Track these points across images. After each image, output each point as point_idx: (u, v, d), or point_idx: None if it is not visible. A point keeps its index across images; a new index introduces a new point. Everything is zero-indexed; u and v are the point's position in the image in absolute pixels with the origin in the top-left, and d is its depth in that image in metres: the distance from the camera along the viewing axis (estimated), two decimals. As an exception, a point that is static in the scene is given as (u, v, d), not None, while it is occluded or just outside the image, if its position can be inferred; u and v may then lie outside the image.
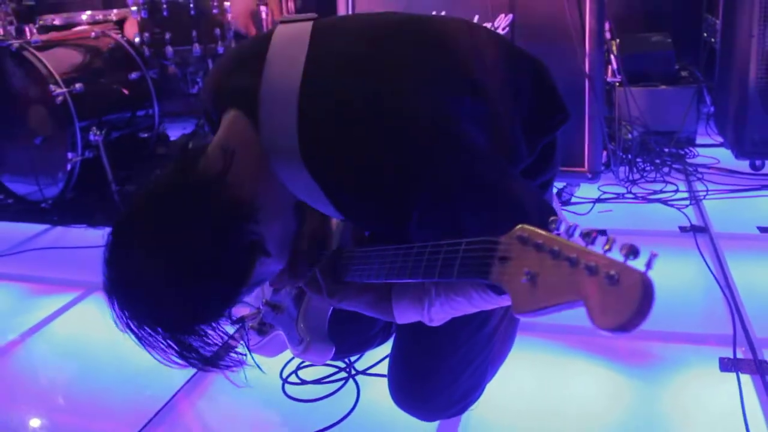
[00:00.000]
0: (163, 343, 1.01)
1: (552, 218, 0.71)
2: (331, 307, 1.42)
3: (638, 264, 0.60)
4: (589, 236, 0.64)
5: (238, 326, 1.15)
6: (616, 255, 0.61)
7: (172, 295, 0.98)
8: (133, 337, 1.01)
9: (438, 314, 1.17)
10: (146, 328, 1.00)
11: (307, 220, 1.22)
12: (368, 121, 1.02)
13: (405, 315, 1.21)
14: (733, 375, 1.70)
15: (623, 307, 0.59)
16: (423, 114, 1.04)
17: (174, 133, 4.02)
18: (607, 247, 0.62)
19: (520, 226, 0.72)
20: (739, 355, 1.79)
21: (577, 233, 0.67)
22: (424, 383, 1.45)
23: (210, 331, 1.03)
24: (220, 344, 1.05)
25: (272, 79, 1.07)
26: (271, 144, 1.06)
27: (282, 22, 1.17)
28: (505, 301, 1.09)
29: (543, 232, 0.70)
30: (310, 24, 1.15)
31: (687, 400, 1.65)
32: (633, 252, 0.60)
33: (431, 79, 1.10)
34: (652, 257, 0.60)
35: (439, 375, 1.43)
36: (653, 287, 0.59)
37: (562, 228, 0.70)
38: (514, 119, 1.19)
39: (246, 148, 1.07)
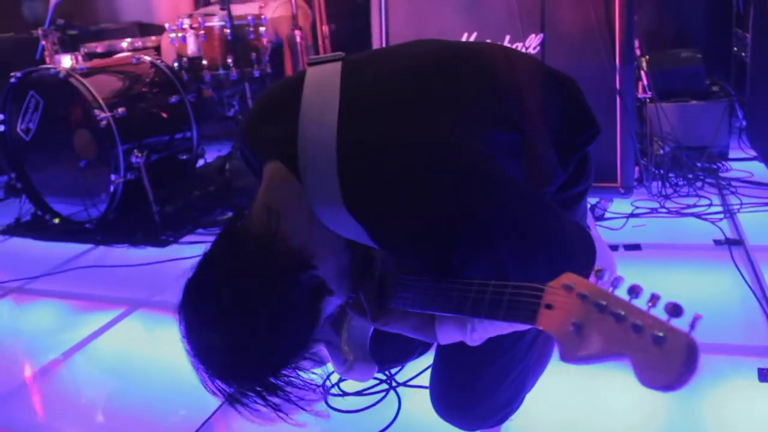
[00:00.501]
0: (257, 401, 1.04)
1: (597, 269, 0.75)
2: (371, 327, 1.45)
3: (681, 323, 0.63)
4: (634, 291, 0.68)
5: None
6: (659, 312, 0.65)
7: (258, 351, 1.01)
8: (223, 398, 1.05)
9: (480, 336, 1.20)
10: (236, 387, 1.04)
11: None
12: (406, 164, 1.05)
13: (448, 337, 1.24)
14: (772, 386, 1.70)
15: (670, 368, 0.62)
16: (460, 155, 1.06)
17: (210, 155, 4.13)
18: (650, 303, 0.66)
19: (565, 274, 0.76)
20: (778, 366, 1.79)
21: (621, 286, 0.71)
22: (466, 391, 1.48)
23: (295, 377, 1.06)
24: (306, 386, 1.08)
25: (308, 127, 1.09)
26: (314, 191, 1.08)
27: (310, 64, 1.20)
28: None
29: (589, 283, 0.73)
30: (339, 64, 1.17)
31: (726, 412, 1.65)
32: (676, 311, 0.64)
33: (465, 116, 1.13)
34: (696, 319, 0.63)
35: (481, 383, 1.46)
36: (698, 350, 0.62)
37: (606, 278, 0.74)
38: (546, 140, 1.22)
39: (291, 197, 1.10)
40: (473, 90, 1.19)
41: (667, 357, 0.62)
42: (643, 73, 2.74)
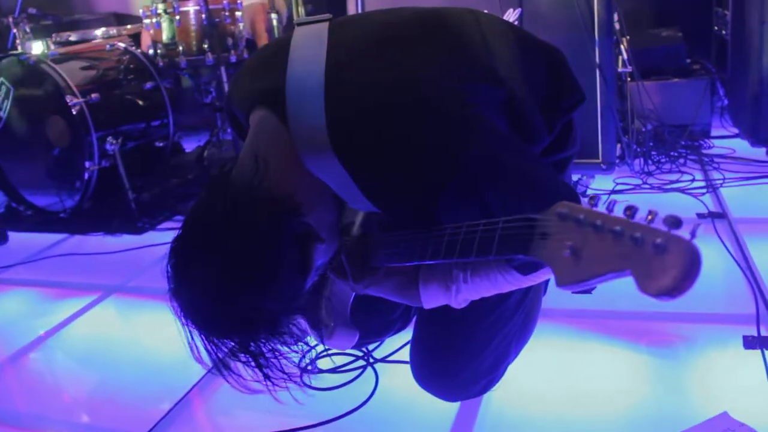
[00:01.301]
0: (244, 354, 1.03)
1: (591, 196, 0.73)
2: (354, 293, 1.41)
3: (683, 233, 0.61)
4: (630, 210, 0.66)
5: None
6: (659, 226, 0.63)
7: (249, 299, 1.00)
8: (210, 357, 1.03)
9: (465, 297, 1.18)
10: (224, 341, 1.02)
11: None
12: (392, 108, 1.05)
13: (432, 299, 1.21)
14: (757, 352, 1.67)
15: (671, 271, 0.60)
16: (445, 100, 1.06)
17: (189, 146, 4.06)
18: (649, 218, 0.64)
19: (560, 202, 0.73)
20: (764, 333, 1.76)
21: (617, 208, 0.68)
22: (447, 357, 1.45)
23: (286, 333, 1.05)
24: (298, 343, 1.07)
25: (296, 75, 1.09)
26: (301, 138, 1.08)
27: (298, 24, 1.20)
28: (528, 281, 1.12)
29: (583, 207, 0.71)
30: (326, 23, 1.18)
31: (712, 379, 1.63)
32: (676, 223, 0.61)
33: (450, 67, 1.12)
34: (696, 226, 0.61)
35: (463, 348, 1.43)
36: (700, 254, 0.60)
37: (601, 204, 0.71)
38: (530, 101, 1.20)
39: (278, 145, 1.10)
40: (460, 44, 1.18)
41: (669, 262, 0.60)
42: (623, 47, 2.70)
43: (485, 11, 1.31)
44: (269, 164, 1.05)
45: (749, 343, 1.72)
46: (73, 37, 3.87)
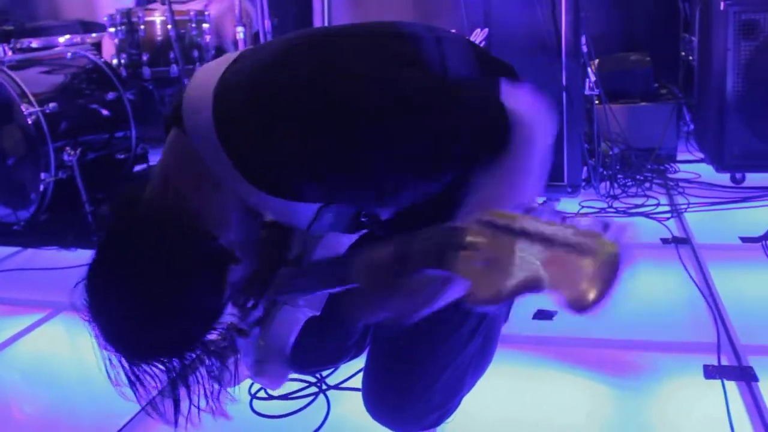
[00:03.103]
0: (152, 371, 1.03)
1: (531, 206, 0.66)
2: (298, 327, 1.35)
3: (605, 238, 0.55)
4: (559, 215, 0.60)
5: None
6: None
7: (162, 320, 1.00)
8: (125, 375, 1.03)
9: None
10: (139, 361, 1.03)
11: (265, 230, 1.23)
12: (271, 101, 0.99)
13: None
14: (718, 382, 1.65)
15: (589, 280, 0.54)
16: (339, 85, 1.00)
17: (154, 158, 3.98)
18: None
19: (487, 211, 0.67)
20: (724, 362, 1.74)
21: (545, 215, 0.62)
22: (399, 389, 1.39)
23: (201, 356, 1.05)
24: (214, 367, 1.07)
25: (193, 90, 1.06)
26: (202, 147, 1.03)
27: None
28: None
29: (505, 213, 0.64)
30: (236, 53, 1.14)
31: (672, 409, 1.60)
32: (605, 227, 0.56)
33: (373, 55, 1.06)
34: (612, 226, 0.56)
35: (416, 379, 1.38)
36: (619, 256, 0.55)
37: (524, 210, 0.64)
38: None
39: (186, 163, 1.06)
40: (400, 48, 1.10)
41: (587, 268, 0.54)
42: (590, 69, 2.70)
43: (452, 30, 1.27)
44: (180, 185, 1.03)
45: (710, 372, 1.70)
46: (34, 44, 3.77)
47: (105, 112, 3.37)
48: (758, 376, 1.66)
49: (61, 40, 3.79)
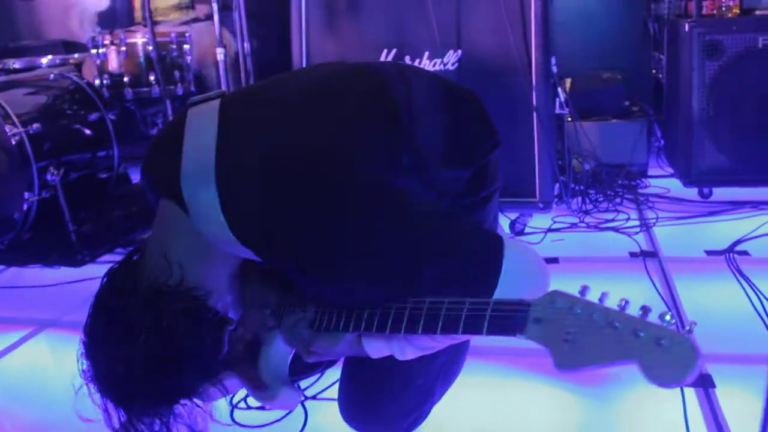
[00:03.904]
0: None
1: (582, 286, 0.80)
2: (292, 353, 1.40)
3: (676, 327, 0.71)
4: (621, 304, 0.75)
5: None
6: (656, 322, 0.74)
7: (169, 383, 1.08)
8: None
9: (407, 351, 1.18)
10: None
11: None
12: (274, 171, 1.04)
13: (378, 353, 1.21)
14: (677, 390, 1.72)
15: (679, 367, 0.70)
16: (332, 158, 1.05)
17: (136, 176, 4.02)
18: (641, 313, 0.74)
19: (554, 291, 0.81)
20: (684, 371, 1.81)
21: (606, 300, 0.77)
22: (372, 396, 1.45)
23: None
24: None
25: (188, 162, 1.07)
26: (202, 223, 1.07)
27: (190, 105, 1.18)
28: (465, 337, 1.12)
29: (578, 298, 0.79)
30: (218, 101, 1.15)
31: (637, 417, 1.67)
32: (670, 320, 0.72)
33: (345, 127, 1.12)
34: (693, 324, 0.72)
35: (388, 386, 1.43)
36: (700, 352, 0.70)
37: (588, 293, 0.79)
38: (438, 154, 1.21)
39: (182, 237, 1.10)
40: (359, 106, 1.16)
41: (675, 357, 0.70)
42: (560, 90, 2.79)
43: (415, 64, 1.31)
44: (180, 260, 1.08)
45: (670, 380, 1.77)
46: (17, 65, 3.82)
47: (87, 132, 3.43)
48: (715, 383, 1.74)
49: (44, 60, 3.83)
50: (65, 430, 1.84)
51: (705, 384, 1.73)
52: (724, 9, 3.08)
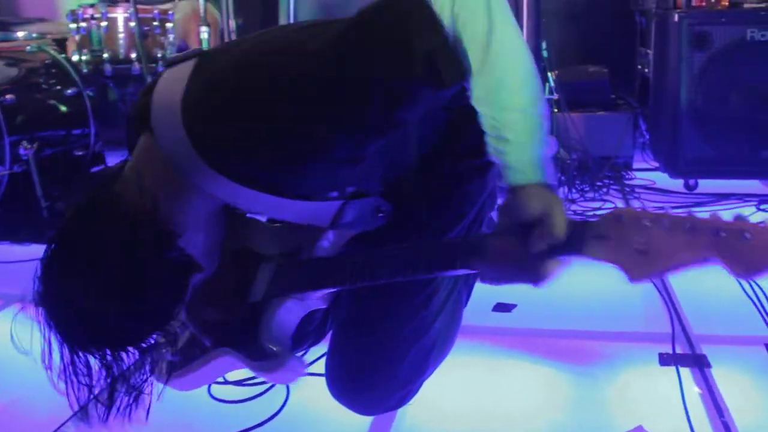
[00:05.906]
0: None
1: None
2: (298, 320, 1.35)
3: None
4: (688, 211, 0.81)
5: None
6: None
7: (118, 313, 1.03)
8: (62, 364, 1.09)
9: None
10: (82, 350, 1.07)
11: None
12: (243, 91, 1.06)
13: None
14: (672, 369, 1.69)
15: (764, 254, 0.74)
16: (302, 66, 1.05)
17: (114, 159, 3.91)
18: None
19: (617, 208, 0.86)
20: (679, 351, 1.78)
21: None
22: (364, 369, 1.40)
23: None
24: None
25: (159, 98, 1.11)
26: (173, 156, 1.08)
27: (168, 65, 1.19)
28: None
29: (643, 210, 0.84)
30: (195, 59, 1.17)
31: (629, 394, 1.63)
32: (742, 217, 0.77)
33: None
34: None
35: (380, 358, 1.39)
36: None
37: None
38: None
39: (157, 172, 1.10)
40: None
41: (759, 247, 0.74)
42: (550, 74, 2.76)
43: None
44: (154, 189, 1.07)
45: (664, 360, 1.74)
46: (-8, 38, 3.70)
47: (64, 107, 3.32)
48: (711, 363, 1.71)
49: (21, 34, 3.72)
50: (31, 406, 1.75)
51: (701, 364, 1.70)
52: (713, 0, 3.07)
